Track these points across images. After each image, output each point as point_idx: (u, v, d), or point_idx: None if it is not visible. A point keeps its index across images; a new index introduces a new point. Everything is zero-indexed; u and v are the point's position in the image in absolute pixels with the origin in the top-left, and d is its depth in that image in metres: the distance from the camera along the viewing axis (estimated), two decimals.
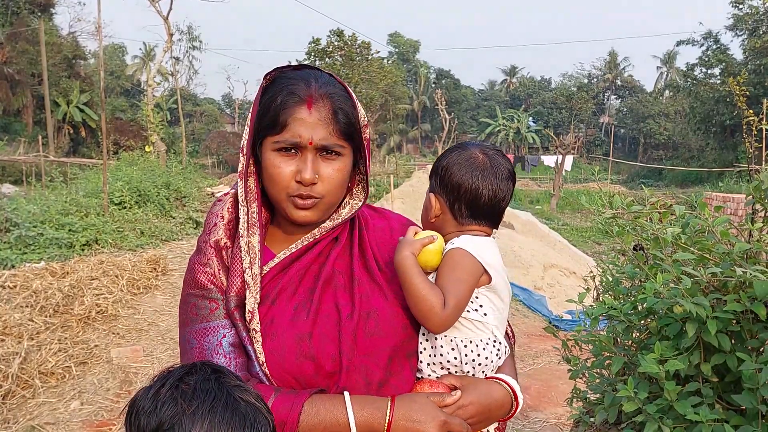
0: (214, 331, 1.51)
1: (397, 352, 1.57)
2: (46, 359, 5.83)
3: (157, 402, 1.19)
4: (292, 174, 1.51)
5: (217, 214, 1.61)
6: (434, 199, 1.71)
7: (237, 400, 1.22)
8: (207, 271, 1.55)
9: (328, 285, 1.58)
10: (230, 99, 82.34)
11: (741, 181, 22.96)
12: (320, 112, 1.51)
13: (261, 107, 1.54)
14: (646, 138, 70.50)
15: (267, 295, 1.55)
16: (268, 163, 1.52)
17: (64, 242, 10.95)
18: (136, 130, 40.25)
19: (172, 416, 1.17)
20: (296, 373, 1.48)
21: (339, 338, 1.51)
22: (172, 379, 1.23)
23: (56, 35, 42.46)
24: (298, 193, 1.51)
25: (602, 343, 2.57)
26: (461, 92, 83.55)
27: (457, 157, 1.69)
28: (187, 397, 1.19)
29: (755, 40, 38.37)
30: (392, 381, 1.55)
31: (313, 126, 1.50)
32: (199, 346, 1.50)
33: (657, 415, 1.94)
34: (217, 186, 28.38)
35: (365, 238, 1.68)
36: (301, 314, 1.52)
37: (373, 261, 1.65)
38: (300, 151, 1.51)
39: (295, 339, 1.49)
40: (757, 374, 1.78)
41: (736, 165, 21.46)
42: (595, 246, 16.24)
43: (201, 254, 1.58)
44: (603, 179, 38.88)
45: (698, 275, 1.90)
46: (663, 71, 79.41)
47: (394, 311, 1.58)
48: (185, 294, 1.59)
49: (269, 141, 1.52)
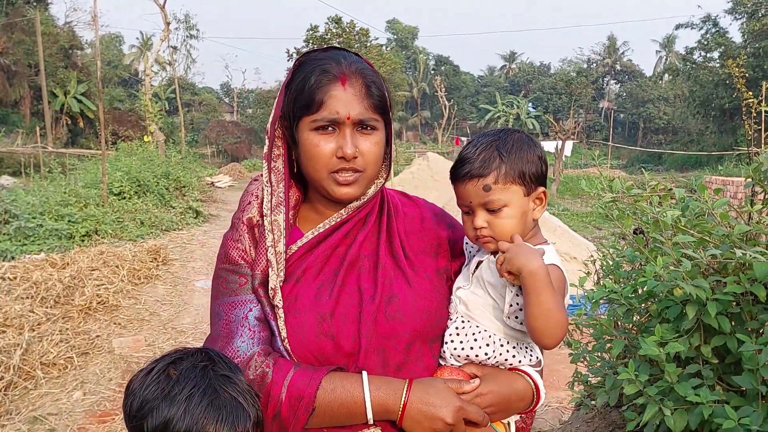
0: (242, 304, 1.55)
1: (417, 338, 1.58)
2: (47, 350, 5.84)
3: (143, 385, 1.23)
4: (333, 151, 1.53)
5: (252, 192, 1.66)
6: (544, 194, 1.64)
7: (217, 390, 1.23)
8: (238, 247, 1.61)
9: (353, 267, 1.60)
10: (229, 88, 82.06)
11: (740, 165, 22.93)
12: (354, 87, 1.53)
13: (293, 90, 1.56)
14: (645, 122, 70.41)
15: (293, 273, 1.58)
16: (306, 143, 1.54)
17: (64, 233, 10.95)
18: (134, 120, 40.17)
19: (152, 399, 1.20)
20: (315, 351, 1.50)
21: (359, 319, 1.52)
22: (162, 363, 1.26)
23: (52, 25, 42.28)
24: (339, 168, 1.53)
25: (603, 327, 2.57)
26: (460, 78, 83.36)
27: (539, 148, 1.64)
28: (170, 382, 1.22)
29: (754, 23, 38.24)
30: (410, 365, 1.56)
31: (349, 101, 1.52)
32: (227, 318, 1.55)
33: (658, 397, 1.94)
34: (217, 175, 28.41)
35: (393, 225, 1.69)
36: (324, 293, 1.55)
37: (399, 248, 1.66)
38: (338, 127, 1.53)
39: (317, 317, 1.52)
40: (757, 355, 1.79)
41: (736, 148, 21.45)
42: (596, 231, 16.24)
43: (234, 230, 1.64)
44: (603, 164, 38.83)
45: (698, 257, 1.90)
46: (662, 55, 79.14)
47: (417, 297, 1.59)
48: (218, 268, 1.64)
49: (306, 121, 1.53)
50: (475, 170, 1.56)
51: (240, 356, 1.46)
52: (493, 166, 1.55)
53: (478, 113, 76.83)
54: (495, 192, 1.55)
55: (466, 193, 1.59)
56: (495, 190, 1.55)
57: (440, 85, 55.78)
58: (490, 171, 1.55)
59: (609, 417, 3.26)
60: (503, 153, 1.57)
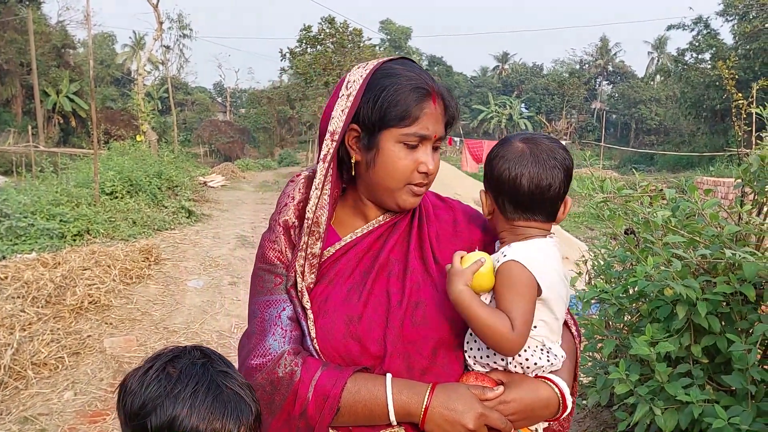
0: (276, 303, 1.61)
1: (442, 344, 1.59)
2: (38, 350, 5.81)
3: (143, 383, 1.22)
4: (415, 165, 1.58)
5: (288, 194, 1.69)
6: (483, 195, 1.68)
7: (220, 386, 1.24)
8: (275, 248, 1.65)
9: (383, 271, 1.63)
10: (222, 87, 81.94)
11: (731, 166, 22.99)
12: (440, 106, 1.61)
13: (381, 98, 1.57)
14: (637, 123, 70.63)
15: (326, 274, 1.63)
16: (390, 154, 1.58)
17: (56, 233, 10.89)
18: (126, 119, 40.00)
19: (154, 398, 1.20)
20: (342, 352, 1.54)
21: (386, 324, 1.56)
22: (160, 361, 1.26)
23: (45, 24, 42.12)
24: (418, 182, 1.60)
25: (594, 327, 2.58)
26: (453, 79, 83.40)
27: (497, 149, 1.65)
28: (172, 380, 1.21)
29: (745, 25, 38.37)
30: (436, 370, 1.58)
31: (437, 119, 1.60)
32: (261, 316, 1.60)
33: (648, 397, 1.95)
34: (209, 175, 28.32)
35: (425, 229, 1.71)
36: (353, 296, 1.59)
37: (429, 252, 1.68)
38: (422, 142, 1.59)
39: (345, 320, 1.56)
40: (746, 355, 1.79)
41: (727, 149, 21.50)
42: (588, 231, 16.28)
43: (271, 232, 1.68)
44: (595, 164, 38.91)
45: (688, 258, 1.91)
46: (654, 56, 79.44)
47: (444, 304, 1.59)
48: (256, 267, 1.69)
49: (394, 132, 1.57)
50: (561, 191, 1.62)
51: (271, 354, 1.52)
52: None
53: (471, 114, 76.90)
54: None
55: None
56: None
57: None
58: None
59: (600, 417, 3.27)
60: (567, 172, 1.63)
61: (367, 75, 1.60)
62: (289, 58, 38.30)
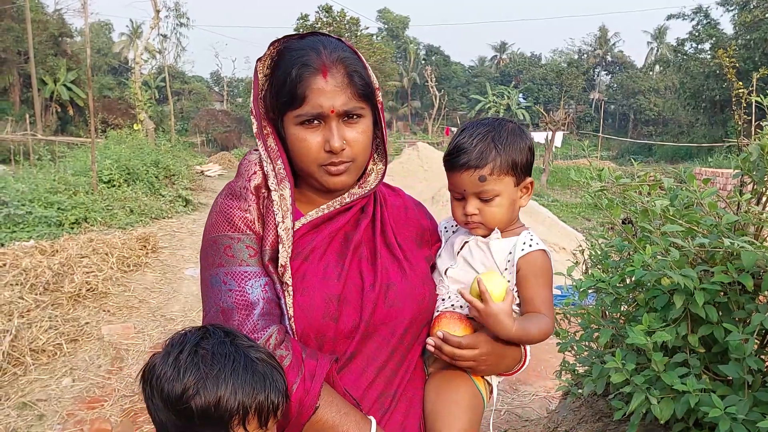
0: (256, 276, 1.49)
1: (412, 324, 1.62)
2: (36, 337, 5.82)
3: (178, 368, 1.21)
4: (320, 144, 1.52)
5: (254, 162, 1.60)
6: (527, 186, 1.74)
7: (254, 361, 1.25)
8: (247, 217, 1.53)
9: (356, 253, 1.61)
10: (219, 77, 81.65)
11: (730, 157, 23.00)
12: (335, 78, 1.51)
13: (275, 84, 1.54)
14: (636, 114, 70.59)
15: (300, 251, 1.55)
16: (293, 138, 1.53)
17: (53, 220, 10.90)
18: (124, 108, 39.98)
19: (196, 381, 1.19)
20: (318, 332, 1.50)
21: (361, 305, 1.54)
22: (189, 345, 1.25)
23: (42, 12, 41.97)
24: (329, 162, 1.53)
25: (591, 316, 2.59)
26: (451, 69, 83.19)
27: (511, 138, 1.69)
28: (207, 362, 1.21)
29: (745, 15, 38.30)
30: (402, 348, 1.62)
31: (332, 94, 1.50)
32: (240, 288, 1.46)
33: (644, 386, 1.95)
34: (207, 164, 28.29)
35: (385, 215, 1.72)
36: (331, 275, 1.55)
37: (392, 236, 1.68)
38: (323, 120, 1.51)
39: (324, 299, 1.51)
40: (743, 345, 1.80)
41: (726, 140, 21.51)
42: (585, 222, 16.30)
43: (240, 200, 1.55)
44: (593, 155, 38.90)
45: (687, 246, 1.91)
46: (653, 47, 79.21)
47: (411, 285, 1.63)
48: (216, 235, 1.54)
49: (290, 116, 1.52)
50: (472, 161, 1.62)
51: (259, 331, 1.40)
52: (490, 158, 1.62)
53: (469, 103, 76.75)
54: (489, 183, 1.62)
55: (461, 182, 1.65)
56: (489, 181, 1.62)
57: (431, 75, 55.66)
58: (486, 163, 1.62)
59: (596, 406, 3.29)
60: (499, 145, 1.63)
61: (270, 54, 1.59)
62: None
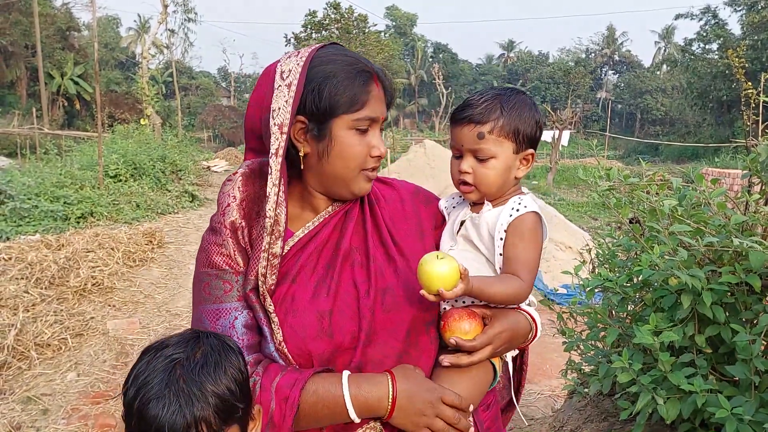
0: (227, 312, 1.51)
1: (414, 325, 1.59)
2: (41, 331, 5.84)
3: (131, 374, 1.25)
4: (368, 149, 1.57)
5: (228, 194, 1.59)
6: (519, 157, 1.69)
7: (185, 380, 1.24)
8: (222, 252, 1.55)
9: (346, 261, 1.59)
10: (226, 72, 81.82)
11: (737, 157, 22.95)
12: (381, 88, 1.58)
13: (327, 87, 1.51)
14: (643, 113, 70.42)
15: (287, 272, 1.54)
16: (344, 141, 1.54)
17: (59, 215, 10.92)
18: (131, 102, 40.00)
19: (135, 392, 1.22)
20: (314, 350, 1.48)
21: (359, 315, 1.52)
22: (148, 355, 1.28)
23: (50, 6, 42.05)
24: (372, 167, 1.59)
25: (597, 315, 2.57)
26: (459, 67, 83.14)
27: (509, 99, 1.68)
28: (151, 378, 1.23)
29: (753, 15, 38.17)
30: (411, 351, 1.58)
31: (381, 101, 1.58)
32: (212, 327, 1.50)
33: (651, 386, 1.94)
34: (213, 159, 28.33)
35: (377, 212, 1.69)
36: (321, 291, 1.53)
37: (387, 235, 1.66)
38: (370, 126, 1.57)
39: (316, 316, 1.49)
40: (750, 345, 1.79)
41: (733, 141, 21.46)
42: (591, 221, 16.27)
43: (216, 235, 1.57)
44: (600, 154, 38.84)
45: (695, 245, 1.90)
46: (661, 46, 79.05)
47: (409, 284, 1.59)
48: (199, 272, 1.59)
49: (346, 119, 1.53)
50: (474, 116, 1.63)
51: None
52: (492, 116, 1.62)
53: None
54: (487, 141, 1.62)
55: (461, 137, 1.66)
56: (488, 139, 1.62)
57: (438, 73, 55.70)
58: (487, 120, 1.62)
59: (602, 405, 3.28)
60: (505, 107, 1.63)
61: (305, 63, 1.53)
62: (294, 43, 38.24)
